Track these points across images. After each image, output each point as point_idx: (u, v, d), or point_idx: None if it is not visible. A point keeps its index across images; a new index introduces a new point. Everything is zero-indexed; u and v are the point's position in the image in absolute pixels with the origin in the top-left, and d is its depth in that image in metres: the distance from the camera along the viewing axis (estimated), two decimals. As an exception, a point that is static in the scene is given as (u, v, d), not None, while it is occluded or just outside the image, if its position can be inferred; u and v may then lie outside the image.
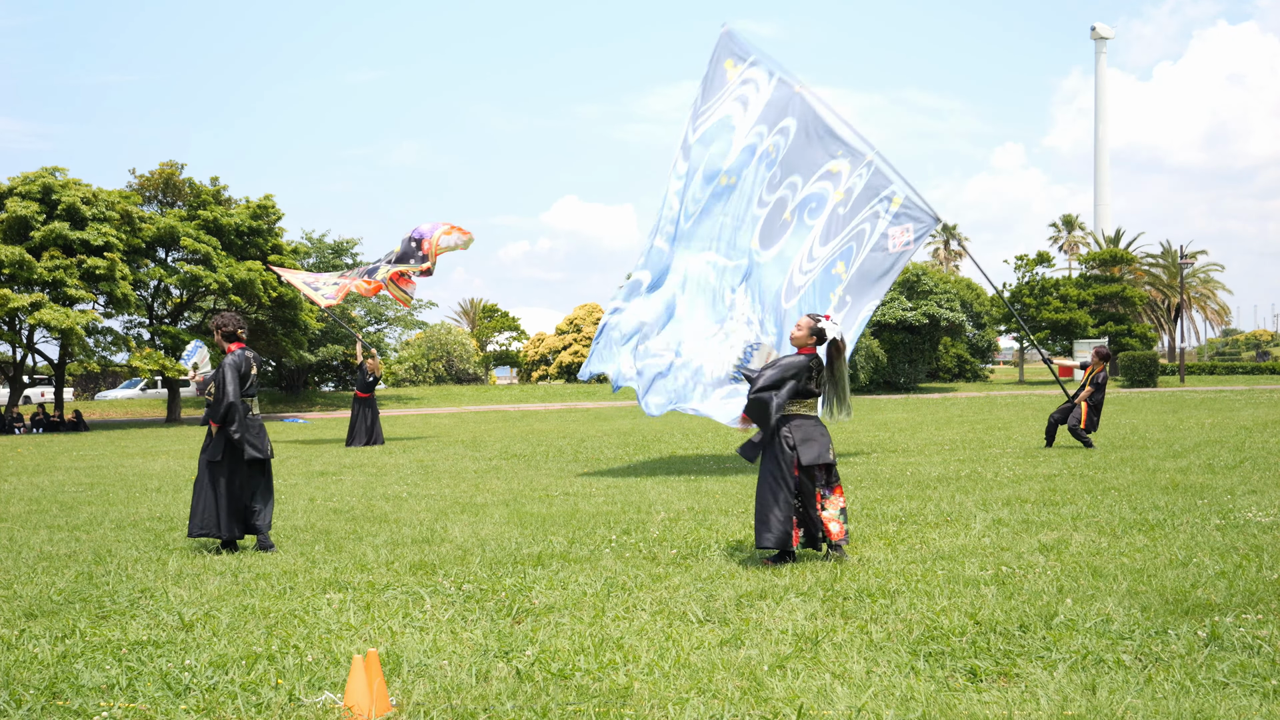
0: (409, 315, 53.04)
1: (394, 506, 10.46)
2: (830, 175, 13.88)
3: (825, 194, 13.84)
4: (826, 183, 13.87)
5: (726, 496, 10.50)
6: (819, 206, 13.83)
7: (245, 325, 8.27)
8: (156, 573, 7.10)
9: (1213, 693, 4.09)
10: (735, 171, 13.84)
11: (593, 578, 6.49)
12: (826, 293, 13.49)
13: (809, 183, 13.92)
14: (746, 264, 13.61)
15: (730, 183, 13.82)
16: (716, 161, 13.88)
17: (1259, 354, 71.71)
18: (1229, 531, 7.56)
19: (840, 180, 13.84)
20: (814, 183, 13.93)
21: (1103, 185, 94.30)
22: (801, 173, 13.91)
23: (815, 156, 13.94)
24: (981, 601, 5.59)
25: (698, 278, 13.49)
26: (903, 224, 13.64)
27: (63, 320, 29.81)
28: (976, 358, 56.19)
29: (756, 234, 13.74)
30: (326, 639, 5.19)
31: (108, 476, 14.84)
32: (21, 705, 4.28)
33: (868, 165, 13.84)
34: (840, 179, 13.84)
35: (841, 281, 13.49)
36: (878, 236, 13.60)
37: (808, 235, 13.73)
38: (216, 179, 38.49)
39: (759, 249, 13.67)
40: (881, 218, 13.70)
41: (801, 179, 13.91)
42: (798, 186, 13.90)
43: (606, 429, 24.58)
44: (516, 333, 72.81)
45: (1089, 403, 15.04)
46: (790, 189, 13.88)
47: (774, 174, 13.90)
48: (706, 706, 4.08)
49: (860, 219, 13.71)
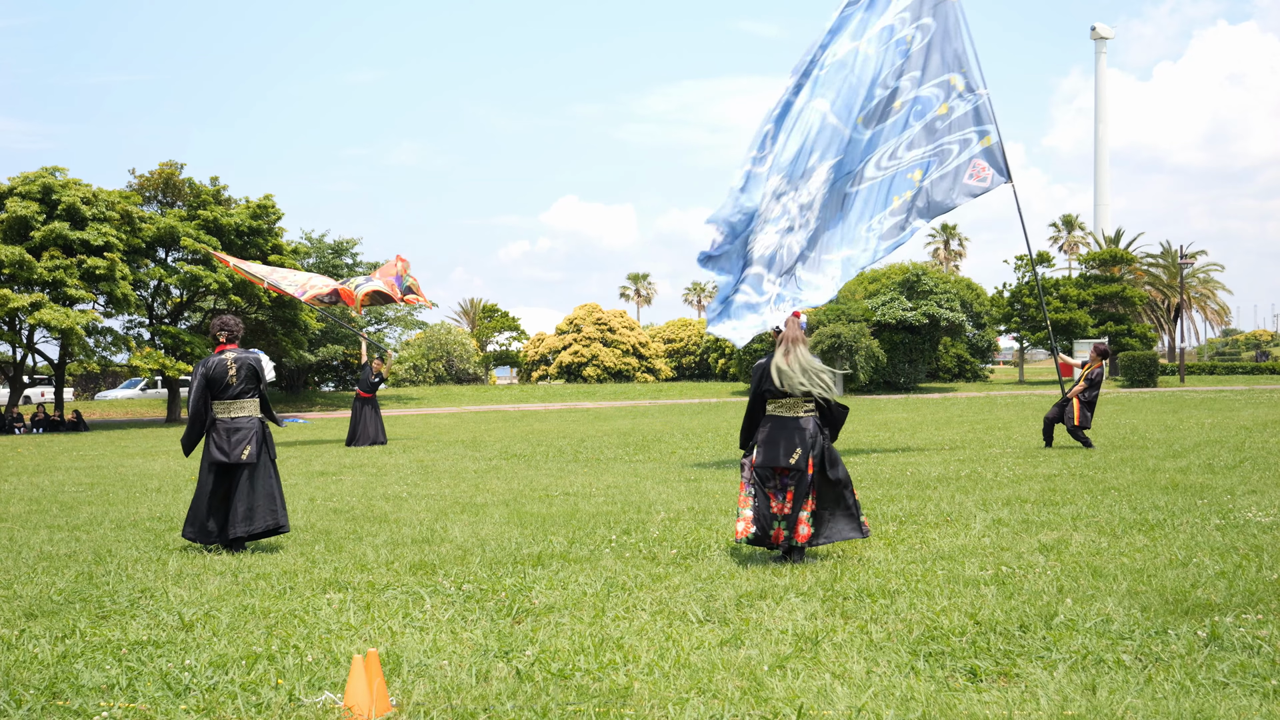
0: (409, 315, 53.03)
1: (394, 506, 10.46)
2: (946, 86, 14.32)
3: (933, 102, 14.25)
4: (939, 91, 14.28)
5: (726, 496, 10.50)
6: (924, 110, 14.25)
7: (227, 329, 8.20)
8: (156, 573, 7.10)
9: (1213, 693, 4.09)
10: (872, 40, 14.19)
11: (593, 578, 6.49)
12: (890, 195, 13.83)
13: (925, 85, 14.31)
14: (847, 133, 13.84)
15: (866, 51, 14.14)
16: (855, 29, 14.31)
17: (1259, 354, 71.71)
18: (1229, 531, 7.56)
19: (951, 96, 14.26)
20: (929, 87, 14.32)
21: (1103, 185, 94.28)
22: (925, 72, 14.32)
23: (940, 64, 14.39)
24: (981, 601, 5.59)
25: (813, 124, 13.75)
26: (985, 164, 14.01)
27: (63, 320, 29.80)
28: (976, 358, 56.16)
29: (867, 109, 14.04)
30: (326, 639, 5.19)
31: (108, 476, 14.84)
32: (21, 705, 4.28)
33: (977, 97, 14.32)
34: (952, 94, 14.28)
35: (913, 188, 13.83)
36: (961, 161, 13.99)
37: (903, 134, 14.12)
38: (216, 179, 38.49)
39: (861, 125, 13.98)
40: (973, 146, 14.17)
41: (920, 77, 14.30)
42: (917, 83, 14.29)
43: (606, 429, 24.58)
44: (516, 333, 72.77)
45: (1081, 399, 14.98)
46: (911, 83, 14.28)
47: (902, 64, 14.27)
48: (706, 706, 4.09)
49: (952, 139, 14.17)
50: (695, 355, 61.67)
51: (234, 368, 8.07)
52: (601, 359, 58.64)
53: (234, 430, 7.99)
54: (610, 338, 59.71)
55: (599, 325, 60.04)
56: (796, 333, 6.95)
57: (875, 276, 50.30)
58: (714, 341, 57.37)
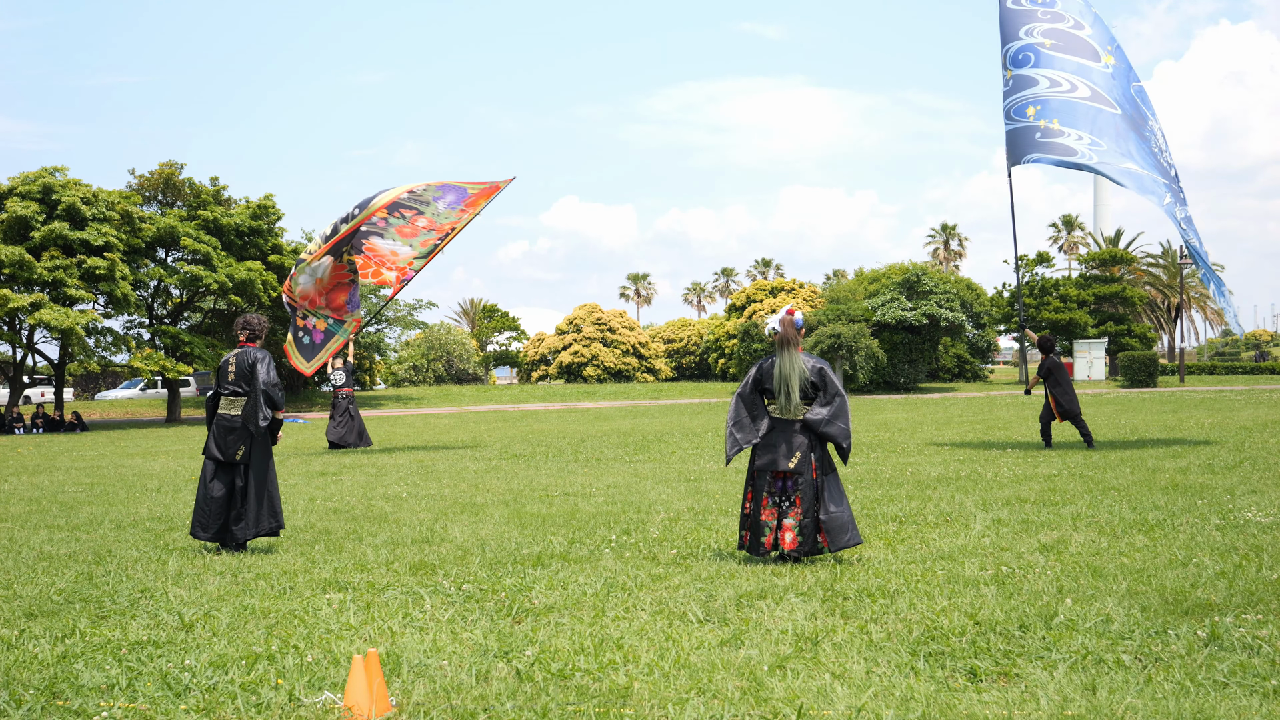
0: (409, 315, 53.04)
1: (394, 506, 10.46)
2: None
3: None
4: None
5: (726, 496, 10.49)
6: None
7: (249, 328, 8.36)
8: (156, 573, 7.10)
9: (1213, 693, 4.09)
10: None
11: (593, 578, 6.49)
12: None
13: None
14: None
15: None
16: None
17: (1258, 354, 71.71)
18: (1229, 531, 7.56)
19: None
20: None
21: (1102, 185, 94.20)
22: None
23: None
24: (981, 601, 5.59)
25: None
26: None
27: (63, 320, 29.80)
28: (976, 358, 56.16)
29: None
30: (326, 639, 5.19)
31: (108, 476, 14.84)
32: (21, 705, 4.28)
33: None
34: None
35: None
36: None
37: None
38: (216, 179, 38.51)
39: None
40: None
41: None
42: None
43: (606, 429, 24.58)
44: (516, 333, 72.78)
45: (1050, 394, 15.53)
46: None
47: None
48: (706, 706, 4.08)
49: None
50: (695, 355, 61.68)
51: (233, 364, 8.11)
52: (601, 359, 58.64)
53: (230, 429, 8.02)
54: (610, 338, 59.71)
55: (599, 325, 60.04)
56: (791, 333, 6.94)
57: (875, 276, 50.30)
58: (714, 342, 57.34)
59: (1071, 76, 15.72)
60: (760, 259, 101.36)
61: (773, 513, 6.82)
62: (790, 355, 6.87)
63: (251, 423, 8.00)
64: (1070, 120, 15.37)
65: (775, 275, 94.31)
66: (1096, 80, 15.70)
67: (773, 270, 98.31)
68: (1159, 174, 15.16)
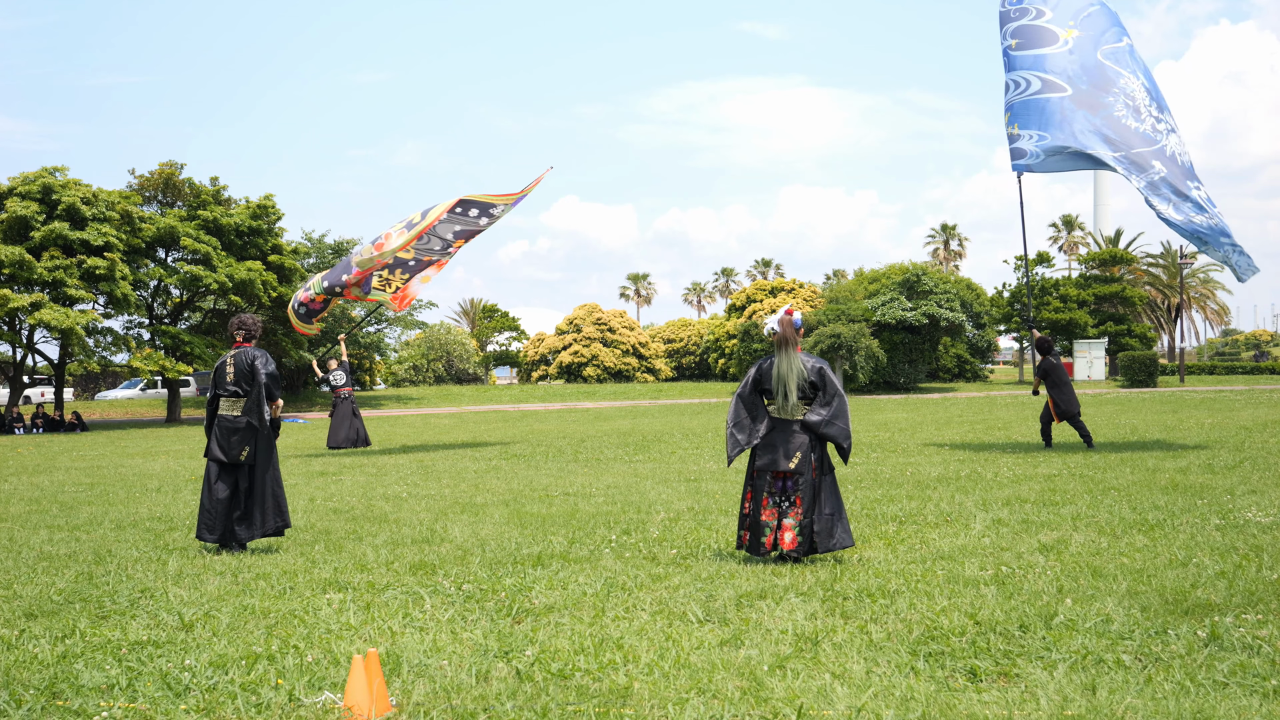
0: (409, 315, 53.00)
1: (394, 506, 10.46)
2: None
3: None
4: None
5: (726, 496, 10.49)
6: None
7: (244, 328, 8.35)
8: (156, 573, 7.10)
9: (1213, 693, 4.09)
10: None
11: (593, 578, 6.49)
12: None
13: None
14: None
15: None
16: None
17: (1258, 354, 71.70)
18: (1229, 531, 7.56)
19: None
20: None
21: (1102, 185, 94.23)
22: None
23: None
24: (981, 601, 5.59)
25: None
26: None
27: (63, 320, 29.80)
28: (976, 358, 56.16)
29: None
30: (326, 639, 5.19)
31: (108, 476, 14.84)
32: (21, 705, 4.28)
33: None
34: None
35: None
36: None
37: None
38: (216, 179, 38.49)
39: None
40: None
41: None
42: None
43: (606, 429, 24.57)
44: (516, 333, 72.77)
45: (1050, 394, 15.52)
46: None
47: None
48: (706, 706, 4.08)
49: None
50: (695, 355, 61.67)
51: (231, 365, 8.12)
52: (601, 359, 58.63)
53: (233, 430, 8.04)
54: (610, 338, 59.70)
55: (599, 325, 60.03)
56: (790, 333, 6.93)
57: (875, 276, 50.30)
58: (714, 341, 57.35)
59: (1028, 74, 15.64)
60: (760, 259, 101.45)
61: (773, 513, 6.82)
62: (789, 355, 6.86)
63: (255, 417, 8.05)
64: (1025, 121, 15.32)
65: (775, 275, 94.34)
66: (1050, 66, 15.54)
67: (773, 270, 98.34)
68: (1108, 147, 14.92)
